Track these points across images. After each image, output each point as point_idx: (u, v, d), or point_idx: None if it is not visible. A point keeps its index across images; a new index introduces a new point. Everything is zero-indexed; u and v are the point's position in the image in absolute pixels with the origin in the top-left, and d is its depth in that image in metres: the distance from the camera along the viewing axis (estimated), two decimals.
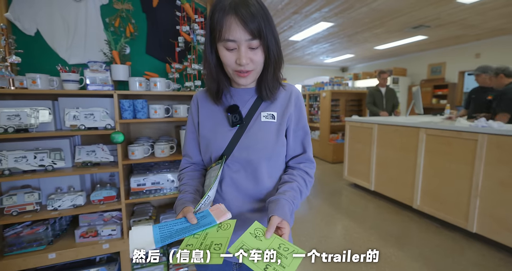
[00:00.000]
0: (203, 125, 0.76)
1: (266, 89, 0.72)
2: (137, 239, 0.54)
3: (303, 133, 0.77)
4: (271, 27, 0.64)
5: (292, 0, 3.45)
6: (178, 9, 1.57)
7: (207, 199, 0.66)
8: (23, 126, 1.25)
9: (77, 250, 1.39)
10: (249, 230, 0.58)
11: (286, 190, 0.69)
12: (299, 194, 0.71)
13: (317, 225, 2.62)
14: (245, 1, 0.61)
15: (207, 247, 0.53)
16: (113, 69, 1.41)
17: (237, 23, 0.60)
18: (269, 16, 0.64)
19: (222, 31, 0.61)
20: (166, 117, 1.52)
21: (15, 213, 1.31)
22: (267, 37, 0.63)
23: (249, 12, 0.59)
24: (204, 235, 0.57)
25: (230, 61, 0.65)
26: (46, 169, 1.35)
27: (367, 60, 8.31)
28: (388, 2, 3.47)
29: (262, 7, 0.63)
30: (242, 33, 0.61)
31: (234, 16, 0.60)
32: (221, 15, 0.61)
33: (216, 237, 0.56)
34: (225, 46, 0.64)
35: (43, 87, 1.28)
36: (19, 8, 1.38)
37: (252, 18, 0.60)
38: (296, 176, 0.74)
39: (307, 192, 0.75)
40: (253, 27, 0.60)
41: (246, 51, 0.63)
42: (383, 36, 5.28)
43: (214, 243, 0.54)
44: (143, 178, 1.51)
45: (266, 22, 0.63)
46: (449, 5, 3.57)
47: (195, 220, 0.59)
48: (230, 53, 0.64)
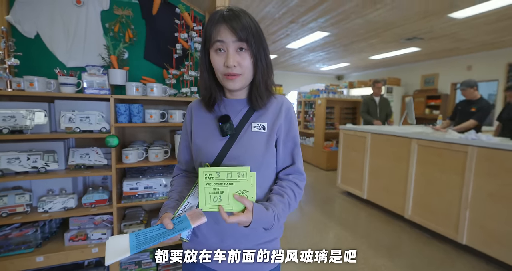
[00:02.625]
0: (195, 134, 0.78)
1: (257, 97, 0.74)
2: (113, 247, 0.56)
3: (293, 144, 0.78)
4: (261, 39, 0.68)
5: (289, 10, 3.53)
6: (177, 17, 1.60)
7: (187, 205, 0.68)
8: (18, 128, 1.26)
9: (66, 254, 1.38)
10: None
11: (277, 203, 0.70)
12: (288, 208, 0.73)
13: (308, 232, 2.63)
14: (237, 15, 0.65)
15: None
16: (110, 73, 1.43)
17: (226, 28, 0.64)
18: (260, 31, 0.68)
19: (212, 35, 0.66)
20: (162, 122, 1.54)
21: (5, 215, 1.30)
22: (254, 45, 0.67)
23: (239, 22, 0.64)
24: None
25: (219, 64, 0.68)
26: (39, 171, 1.35)
27: (362, 69, 8.45)
28: (382, 14, 3.57)
29: (254, 22, 0.67)
30: (230, 35, 0.65)
31: (224, 24, 0.64)
32: (212, 24, 0.66)
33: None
34: (214, 48, 0.67)
35: (40, 89, 1.29)
36: (20, 11, 1.39)
37: (241, 27, 0.64)
38: (286, 188, 0.74)
39: (295, 204, 0.76)
40: (241, 34, 0.64)
41: (233, 53, 0.66)
42: (378, 47, 5.40)
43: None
44: (136, 182, 1.51)
45: (256, 34, 0.66)
46: (440, 19, 3.69)
47: (171, 225, 0.61)
48: (219, 57, 0.67)
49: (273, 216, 0.67)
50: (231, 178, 0.62)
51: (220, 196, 0.62)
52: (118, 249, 0.55)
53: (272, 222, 0.67)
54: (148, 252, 1.64)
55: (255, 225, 0.63)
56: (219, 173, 0.62)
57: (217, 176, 0.62)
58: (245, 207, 0.63)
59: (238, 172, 0.62)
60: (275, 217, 0.67)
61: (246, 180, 0.62)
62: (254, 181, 0.63)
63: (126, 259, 1.58)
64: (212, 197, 0.62)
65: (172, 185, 0.83)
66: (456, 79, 5.93)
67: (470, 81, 3.04)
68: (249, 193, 0.64)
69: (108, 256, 0.53)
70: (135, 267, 1.59)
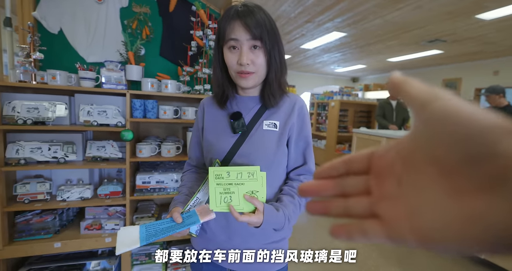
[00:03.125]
0: (207, 130, 0.79)
1: (270, 95, 0.73)
2: (124, 237, 0.58)
3: (305, 144, 0.77)
4: (275, 36, 0.67)
5: (306, 9, 3.50)
6: (193, 15, 1.63)
7: (196, 200, 0.69)
8: (40, 119, 1.32)
9: (81, 242, 1.43)
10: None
11: (288, 204, 0.69)
12: (298, 209, 0.72)
13: (318, 234, 2.60)
14: (251, 11, 0.64)
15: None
16: (127, 69, 1.47)
17: (240, 25, 0.64)
18: (274, 27, 0.67)
19: (226, 33, 0.65)
20: (175, 119, 1.57)
21: (27, 201, 1.37)
22: (269, 42, 0.66)
23: (253, 19, 0.63)
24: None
25: (233, 62, 0.68)
26: (59, 161, 1.41)
27: (379, 72, 8.25)
28: (403, 15, 3.47)
29: (268, 18, 0.66)
30: (244, 33, 0.64)
31: (239, 20, 0.64)
32: (227, 20, 0.65)
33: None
34: (228, 45, 0.67)
35: (62, 83, 1.35)
36: (46, 8, 1.47)
37: (256, 24, 0.63)
38: (297, 188, 0.74)
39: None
40: (256, 31, 0.63)
41: (247, 51, 0.66)
42: (396, 49, 5.25)
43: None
44: (149, 176, 1.55)
45: (271, 31, 0.66)
46: (467, 20, 3.53)
47: (181, 219, 0.62)
48: (233, 55, 0.67)
49: (284, 217, 0.66)
50: (241, 178, 0.62)
51: (230, 196, 0.63)
52: (128, 240, 0.57)
53: (282, 223, 0.66)
54: (157, 245, 1.68)
55: (266, 226, 0.63)
56: (229, 173, 0.62)
57: (227, 176, 0.62)
58: (256, 208, 0.63)
59: (248, 172, 0.62)
60: (285, 218, 0.67)
61: (256, 179, 0.63)
62: (265, 181, 0.63)
63: (137, 250, 1.62)
64: (222, 197, 0.63)
65: (182, 180, 0.84)
66: (481, 84, 5.67)
67: (496, 87, 2.86)
68: (259, 193, 0.64)
69: (119, 246, 0.55)
70: (145, 258, 1.63)
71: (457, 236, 0.14)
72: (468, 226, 0.13)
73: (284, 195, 0.73)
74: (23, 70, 1.29)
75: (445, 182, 0.14)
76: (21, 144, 1.35)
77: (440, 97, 0.14)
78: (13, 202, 1.36)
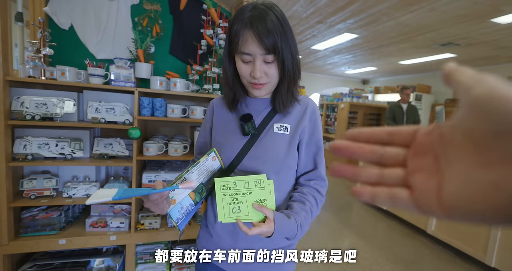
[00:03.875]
0: (216, 132, 0.77)
1: (280, 102, 0.72)
2: (100, 193, 0.57)
3: (316, 148, 0.75)
4: (288, 43, 0.64)
5: (318, 10, 3.45)
6: (204, 13, 1.61)
7: (183, 180, 0.66)
8: (49, 115, 1.32)
9: (86, 239, 1.43)
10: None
11: (299, 211, 0.67)
12: (310, 216, 0.70)
13: (322, 238, 2.56)
14: (263, 16, 0.61)
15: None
16: (136, 67, 1.46)
17: (253, 37, 0.61)
18: (288, 32, 0.64)
19: (239, 43, 0.63)
20: (183, 118, 1.55)
21: (33, 197, 1.37)
22: (282, 52, 0.63)
23: (265, 28, 0.60)
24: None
25: (245, 73, 0.66)
26: (66, 157, 1.41)
27: (390, 74, 8.13)
28: (417, 17, 3.39)
29: (281, 23, 0.63)
30: (257, 48, 0.61)
31: (251, 31, 0.61)
32: (239, 27, 0.62)
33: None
34: (241, 58, 0.65)
35: (71, 79, 1.35)
36: (57, 4, 1.46)
37: (268, 33, 0.60)
38: (307, 194, 0.72)
39: (317, 211, 0.73)
40: (268, 42, 0.61)
41: (260, 64, 0.64)
42: (409, 51, 5.15)
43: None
44: (155, 174, 1.54)
45: (283, 38, 0.63)
46: (482, 24, 3.44)
47: (161, 186, 0.58)
48: (246, 65, 0.65)
49: (296, 224, 0.64)
50: (248, 187, 0.61)
51: (238, 206, 0.61)
52: (102, 195, 0.56)
53: (295, 231, 0.64)
54: (162, 244, 1.67)
55: (278, 235, 0.61)
56: (236, 183, 0.61)
57: (233, 186, 0.61)
58: (266, 217, 0.61)
59: (255, 180, 0.61)
60: (297, 225, 0.64)
61: (264, 188, 0.61)
62: (273, 189, 0.62)
63: (142, 249, 1.61)
64: (230, 208, 0.61)
65: None
66: None
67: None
68: (268, 201, 0.62)
69: (91, 198, 0.55)
70: (150, 257, 1.62)
71: (481, 204, 0.15)
72: (493, 193, 0.14)
73: (294, 201, 0.71)
74: (33, 66, 1.29)
75: (478, 156, 0.15)
76: (28, 139, 1.34)
77: (484, 81, 0.15)
78: (19, 197, 1.35)
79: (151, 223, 1.56)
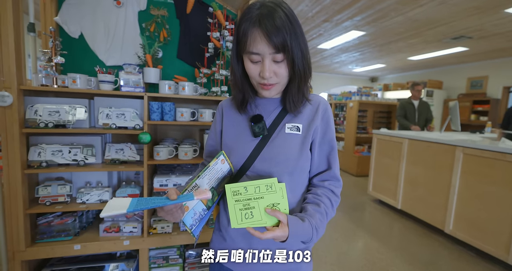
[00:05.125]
0: (226, 134, 0.76)
1: (290, 102, 0.70)
2: (114, 204, 0.56)
3: (329, 148, 0.73)
4: (298, 41, 0.62)
5: (323, 8, 3.42)
6: (210, 16, 1.61)
7: (194, 186, 0.65)
8: (61, 122, 1.34)
9: (100, 244, 1.44)
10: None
11: (314, 213, 0.65)
12: (325, 218, 0.68)
13: (335, 239, 2.51)
14: (272, 13, 0.59)
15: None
16: (145, 72, 1.47)
17: (262, 36, 0.59)
18: (297, 29, 0.62)
19: (247, 43, 0.61)
20: (192, 121, 1.55)
21: (48, 203, 1.39)
22: (292, 51, 0.61)
23: (274, 25, 0.58)
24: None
25: (254, 74, 0.64)
26: (79, 164, 1.43)
27: (399, 71, 7.97)
28: (426, 11, 3.31)
29: (290, 20, 0.61)
30: (266, 47, 0.60)
31: (259, 29, 0.59)
32: (247, 26, 0.61)
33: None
34: (249, 58, 0.63)
35: (82, 86, 1.37)
36: (67, 13, 1.49)
37: (277, 31, 0.58)
38: (322, 195, 0.69)
39: (332, 213, 0.71)
40: (277, 41, 0.59)
41: (269, 64, 0.62)
42: (418, 47, 5.04)
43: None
44: (166, 178, 1.54)
45: (293, 36, 0.60)
46: (495, 15, 3.33)
47: (175, 196, 0.57)
48: (254, 65, 0.64)
49: (311, 227, 0.62)
50: (260, 192, 0.60)
51: (251, 211, 0.60)
52: (117, 207, 0.55)
53: (310, 234, 0.62)
54: (175, 248, 1.67)
55: (293, 239, 0.59)
56: (247, 188, 0.60)
57: (244, 191, 0.60)
58: (279, 221, 0.59)
59: (266, 185, 0.60)
60: (313, 228, 0.62)
61: (276, 191, 0.60)
62: (285, 192, 0.60)
63: (155, 254, 1.62)
64: (243, 214, 0.60)
65: None
66: (510, 82, 5.34)
67: None
68: (281, 205, 0.60)
69: (105, 210, 0.53)
70: (163, 261, 1.62)
71: None
72: None
73: (308, 203, 0.69)
74: (45, 74, 1.32)
75: None
76: (42, 147, 1.37)
77: None
78: (35, 204, 1.38)
79: (163, 227, 1.56)
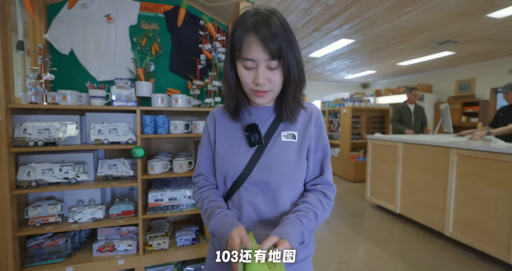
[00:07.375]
0: (219, 144, 0.73)
1: (287, 110, 0.69)
2: None
3: (323, 154, 0.73)
4: (293, 48, 0.62)
5: (313, 18, 3.49)
6: (201, 28, 1.62)
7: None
8: (51, 140, 1.31)
9: (93, 265, 1.39)
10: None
11: (294, 210, 0.66)
12: (313, 215, 0.65)
13: (336, 248, 2.47)
14: (267, 20, 0.59)
15: None
16: (137, 86, 1.46)
17: (257, 42, 0.59)
18: (292, 37, 0.62)
19: (241, 49, 0.61)
20: (186, 133, 1.53)
21: (38, 224, 1.34)
22: (287, 58, 0.61)
23: (270, 32, 0.58)
24: None
25: (248, 80, 0.64)
26: (70, 182, 1.39)
27: (390, 77, 8.12)
28: (412, 18, 3.41)
29: (285, 27, 0.61)
30: (262, 53, 0.59)
31: (255, 35, 0.59)
32: (242, 33, 0.60)
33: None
34: (243, 64, 0.63)
35: (72, 102, 1.34)
36: (57, 30, 1.49)
37: (272, 37, 0.58)
38: (310, 197, 0.68)
39: (324, 213, 0.69)
40: (273, 47, 0.59)
41: (264, 71, 0.61)
42: (406, 52, 5.16)
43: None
44: (161, 193, 1.51)
45: (288, 43, 0.61)
46: (478, 20, 3.44)
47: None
48: (248, 72, 0.63)
49: (294, 224, 0.61)
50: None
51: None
52: None
53: (298, 229, 0.60)
54: (172, 265, 1.61)
55: (286, 235, 0.58)
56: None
57: None
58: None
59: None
60: (297, 223, 0.61)
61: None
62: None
63: None
64: None
65: (207, 195, 0.73)
66: (496, 84, 5.47)
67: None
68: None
69: None
70: None
71: None
72: None
73: (295, 211, 0.66)
74: (34, 92, 1.29)
75: None
76: (32, 166, 1.33)
77: None
78: (24, 225, 1.33)
79: (159, 244, 1.52)
